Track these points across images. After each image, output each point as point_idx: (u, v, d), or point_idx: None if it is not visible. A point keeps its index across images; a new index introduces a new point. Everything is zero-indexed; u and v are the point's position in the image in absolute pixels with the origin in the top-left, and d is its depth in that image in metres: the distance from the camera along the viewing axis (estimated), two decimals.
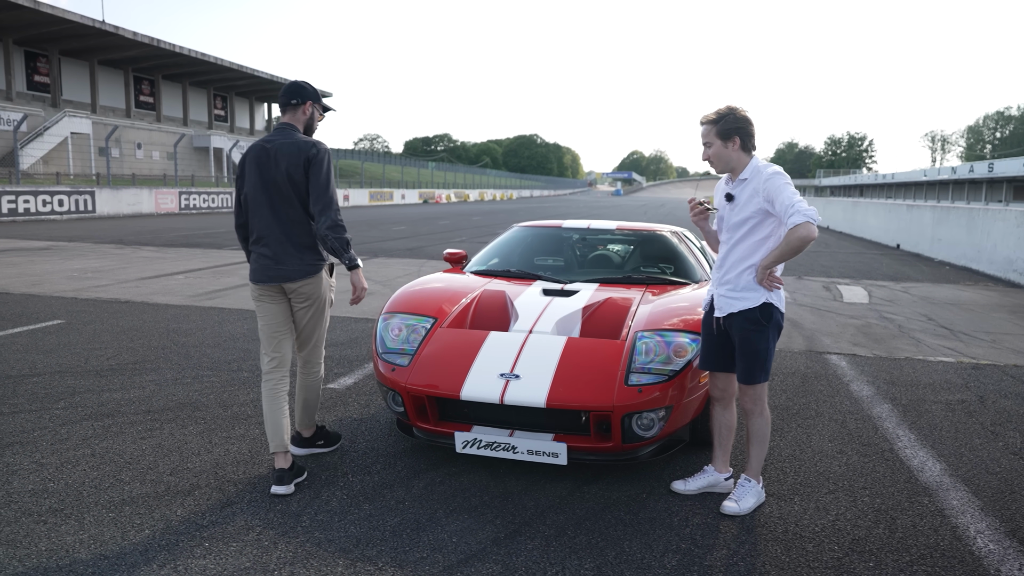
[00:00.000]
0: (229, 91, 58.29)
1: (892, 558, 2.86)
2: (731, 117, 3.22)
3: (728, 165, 3.27)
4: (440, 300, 4.20)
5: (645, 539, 2.98)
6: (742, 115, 3.23)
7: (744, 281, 3.26)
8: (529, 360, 3.53)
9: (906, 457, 3.94)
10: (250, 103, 62.04)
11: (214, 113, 57.07)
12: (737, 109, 3.24)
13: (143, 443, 3.94)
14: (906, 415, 4.67)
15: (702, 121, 3.30)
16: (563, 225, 5.56)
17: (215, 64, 49.88)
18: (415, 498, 3.33)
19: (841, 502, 3.36)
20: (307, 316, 3.57)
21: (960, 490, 3.52)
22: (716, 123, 3.24)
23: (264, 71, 54.86)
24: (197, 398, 4.75)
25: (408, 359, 3.68)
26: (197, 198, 31.31)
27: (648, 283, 4.60)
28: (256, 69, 54.01)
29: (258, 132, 62.74)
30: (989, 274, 12.62)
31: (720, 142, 3.24)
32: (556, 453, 3.33)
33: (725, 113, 3.23)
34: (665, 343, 3.57)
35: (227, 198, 33.44)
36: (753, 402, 3.31)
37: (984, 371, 5.86)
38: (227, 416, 4.40)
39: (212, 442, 3.98)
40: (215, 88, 56.55)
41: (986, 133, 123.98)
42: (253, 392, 4.89)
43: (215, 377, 5.26)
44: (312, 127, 3.62)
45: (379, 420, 4.40)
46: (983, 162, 52.60)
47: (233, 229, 4.17)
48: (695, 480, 3.45)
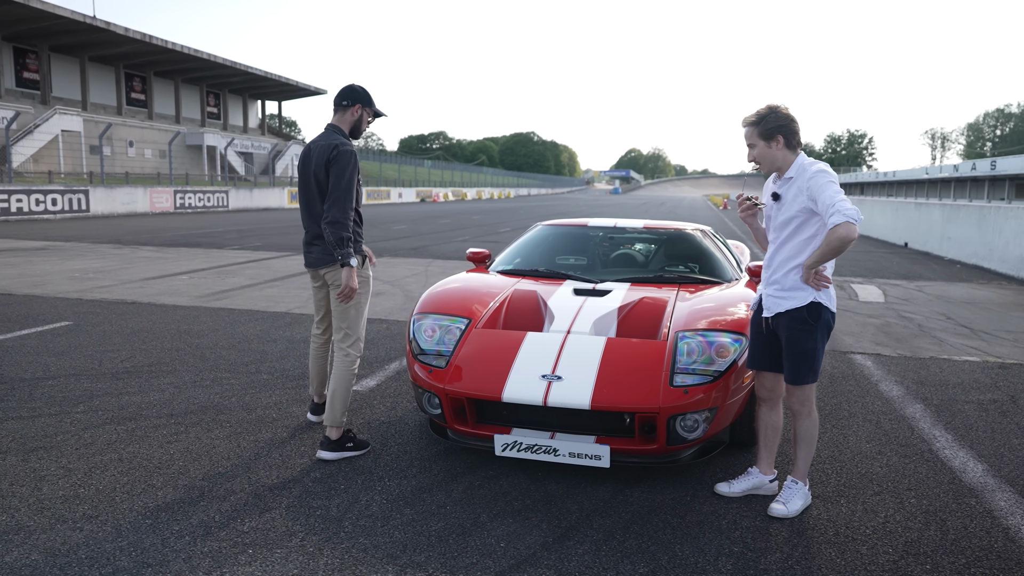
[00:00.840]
0: (222, 88, 58.14)
1: (948, 560, 2.86)
2: (772, 116, 3.21)
3: (774, 165, 3.26)
4: (471, 300, 4.18)
5: (696, 543, 2.97)
6: (784, 113, 3.22)
7: (791, 280, 3.25)
8: (570, 361, 3.51)
9: (946, 458, 3.94)
10: (244, 100, 61.90)
11: (207, 110, 56.91)
12: (778, 108, 3.23)
13: (170, 447, 3.91)
14: (940, 415, 4.67)
15: (743, 123, 3.29)
16: (589, 224, 5.55)
17: (208, 61, 49.75)
18: (456, 502, 3.31)
19: (888, 504, 3.36)
20: (336, 302, 3.89)
21: (1006, 491, 3.52)
22: (757, 124, 3.23)
23: (258, 68, 54.74)
24: (219, 401, 4.72)
25: (445, 360, 3.66)
26: (192, 197, 31.22)
27: (680, 282, 4.58)
28: (250, 66, 53.89)
29: (252, 130, 62.62)
30: (1002, 272, 12.65)
31: (763, 143, 3.23)
32: (599, 456, 3.32)
33: (766, 113, 3.22)
34: (708, 343, 3.56)
35: (223, 197, 33.35)
36: (801, 403, 3.30)
37: (1012, 371, 5.87)
38: (252, 419, 4.38)
39: (240, 446, 3.95)
40: (208, 85, 56.40)
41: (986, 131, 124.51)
42: (275, 395, 4.86)
43: (234, 380, 5.23)
44: (360, 129, 3.93)
45: (408, 422, 4.38)
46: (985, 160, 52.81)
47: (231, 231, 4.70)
48: (739, 482, 3.44)
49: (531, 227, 5.84)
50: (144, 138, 47.43)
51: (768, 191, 3.39)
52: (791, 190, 3.23)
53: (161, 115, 52.13)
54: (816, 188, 3.13)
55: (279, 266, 12.09)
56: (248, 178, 49.47)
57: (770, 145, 3.22)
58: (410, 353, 3.83)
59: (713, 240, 5.32)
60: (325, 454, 3.78)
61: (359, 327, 3.93)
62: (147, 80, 50.84)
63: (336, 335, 3.94)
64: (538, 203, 57.54)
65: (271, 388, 5.03)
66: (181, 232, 19.19)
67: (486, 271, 5.13)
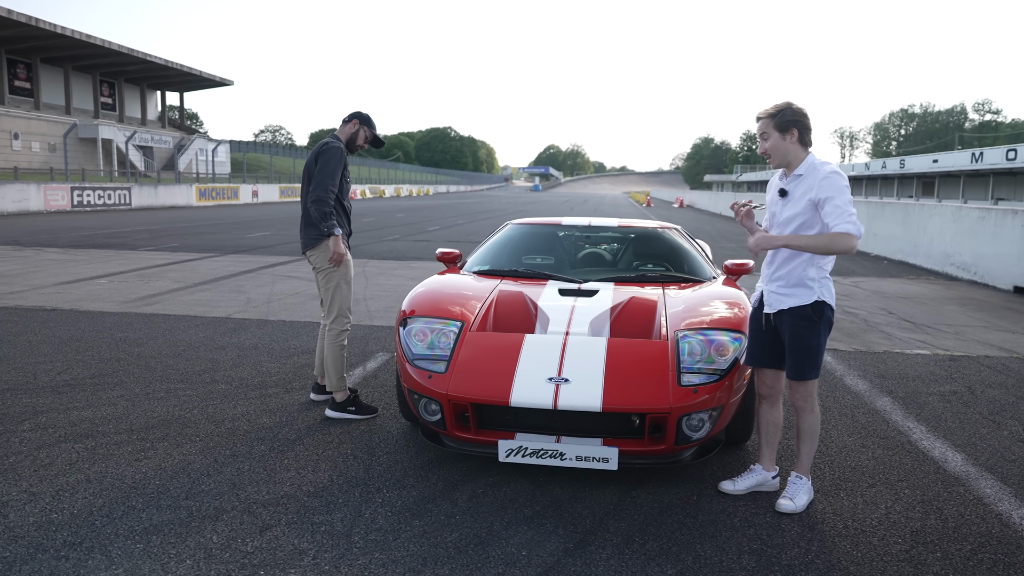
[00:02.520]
0: (118, 77, 55.39)
1: (955, 548, 3.04)
2: (789, 110, 3.33)
3: (785, 159, 3.38)
4: (458, 302, 4.16)
5: (714, 542, 3.05)
6: (799, 108, 3.35)
7: (796, 277, 3.38)
8: (574, 363, 3.54)
9: (925, 449, 4.18)
10: (142, 90, 59.15)
11: (101, 101, 54.12)
12: (793, 103, 3.35)
13: (140, 465, 3.73)
14: (908, 408, 4.95)
15: (759, 115, 3.39)
16: (562, 223, 5.60)
17: (102, 47, 47.30)
18: (464, 511, 3.29)
19: (885, 496, 3.54)
20: (321, 281, 4.62)
21: (988, 479, 3.77)
22: (774, 116, 3.34)
23: (158, 56, 52.45)
24: (180, 414, 4.53)
25: (444, 365, 3.63)
26: (92, 194, 29.66)
27: (663, 281, 4.69)
28: (148, 54, 51.55)
29: (151, 123, 59.95)
30: (927, 268, 13.47)
31: (778, 134, 3.34)
32: (607, 458, 3.36)
33: (783, 107, 3.34)
34: (708, 342, 3.66)
35: (125, 194, 31.83)
36: (804, 399, 3.43)
37: (961, 363, 6.27)
38: (222, 432, 4.22)
39: (217, 461, 3.80)
40: (102, 74, 53.64)
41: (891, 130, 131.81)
42: (240, 406, 4.70)
43: (190, 391, 5.02)
44: (354, 142, 4.65)
45: (390, 430, 4.32)
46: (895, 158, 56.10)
47: (141, 230, 5.48)
48: (743, 480, 3.56)
49: (501, 226, 5.84)
50: (31, 130, 44.75)
51: (774, 187, 3.50)
52: (800, 187, 3.36)
53: (49, 105, 49.23)
54: (829, 190, 3.24)
55: (205, 268, 11.65)
56: (149, 174, 47.32)
57: (784, 138, 3.33)
58: (403, 358, 3.78)
59: (687, 239, 5.47)
60: (330, 412, 4.53)
61: (344, 302, 4.58)
62: (33, 67, 47.91)
63: (327, 317, 4.61)
64: (460, 201, 57.47)
65: (233, 399, 4.85)
66: (85, 232, 18.21)
67: (458, 272, 5.11)
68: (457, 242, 17.31)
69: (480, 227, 24.24)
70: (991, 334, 7.59)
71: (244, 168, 49.62)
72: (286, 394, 5.00)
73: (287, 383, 5.25)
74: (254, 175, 53.93)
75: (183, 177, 45.30)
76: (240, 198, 41.70)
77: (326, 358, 4.56)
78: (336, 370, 4.53)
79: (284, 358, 5.96)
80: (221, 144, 54.61)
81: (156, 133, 55.45)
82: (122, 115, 56.11)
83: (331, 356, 4.54)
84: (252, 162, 63.41)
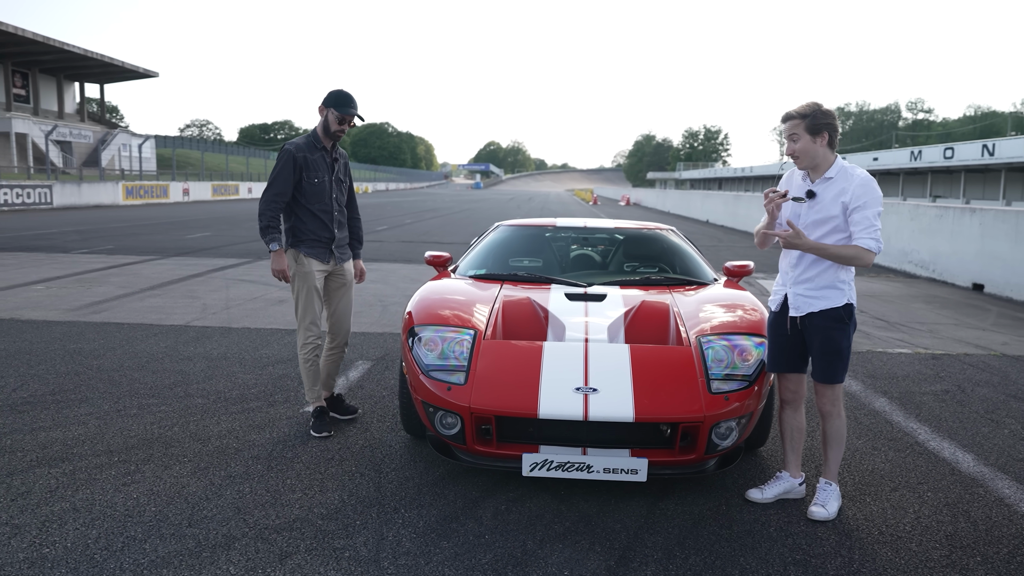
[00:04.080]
0: (32, 67, 52.96)
1: (993, 551, 3.10)
2: (820, 112, 3.34)
3: (813, 161, 3.39)
4: (465, 309, 4.06)
5: (755, 553, 3.04)
6: (829, 111, 3.36)
7: (826, 280, 3.40)
8: (600, 371, 3.49)
9: (935, 450, 4.27)
10: (59, 82, 56.70)
11: (13, 93, 51.68)
12: (822, 105, 3.37)
13: (130, 490, 3.52)
14: (907, 408, 5.06)
15: (788, 116, 3.39)
16: (557, 224, 5.54)
17: (14, 35, 45.13)
18: (491, 530, 3.20)
19: (911, 500, 3.59)
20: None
21: (1003, 479, 3.87)
22: (806, 117, 3.34)
23: (76, 45, 50.37)
24: (159, 432, 4.31)
25: (463, 376, 3.52)
26: (9, 193, 28.26)
27: (668, 284, 4.68)
28: (65, 42, 49.46)
29: (69, 116, 57.54)
30: (885, 266, 13.91)
31: (809, 137, 3.34)
32: (636, 469, 3.32)
33: (814, 108, 3.35)
34: (732, 347, 3.66)
35: (45, 193, 30.46)
36: (832, 403, 3.46)
37: (943, 361, 6.47)
38: (211, 452, 4.03)
39: (214, 483, 3.62)
40: (14, 63, 51.18)
41: None
42: (223, 421, 4.50)
43: (164, 406, 4.79)
44: (328, 129, 4.25)
45: (391, 444, 4.19)
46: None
47: (69, 231, 5.26)
48: (771, 487, 3.56)
49: (491, 228, 5.75)
50: None
51: (797, 188, 3.51)
52: (831, 190, 3.37)
53: None
54: (864, 197, 3.27)
55: (149, 272, 11.20)
56: (69, 171, 45.48)
57: (815, 140, 3.34)
58: (415, 369, 3.66)
59: (686, 240, 5.48)
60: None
61: (305, 315, 4.35)
62: None
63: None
64: (402, 199, 56.97)
65: (214, 414, 4.64)
66: (8, 234, 17.32)
67: (449, 276, 5.00)
68: (410, 242, 17.07)
69: (430, 226, 24.03)
70: (963, 331, 7.86)
71: (174, 165, 48.03)
72: (270, 407, 4.81)
73: (268, 395, 5.06)
74: (184, 172, 52.38)
75: (107, 174, 43.66)
76: (170, 196, 40.39)
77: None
78: (305, 383, 4.43)
79: (258, 369, 5.75)
80: (147, 139, 52.72)
81: (75, 127, 53.34)
82: (37, 108, 53.72)
83: (300, 370, 4.46)
84: (181, 158, 61.53)
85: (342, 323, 4.56)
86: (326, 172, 4.31)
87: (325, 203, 4.33)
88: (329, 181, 4.33)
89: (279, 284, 10.22)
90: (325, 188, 4.31)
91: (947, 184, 44.34)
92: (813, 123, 3.32)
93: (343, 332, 4.58)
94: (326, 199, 4.32)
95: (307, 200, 4.27)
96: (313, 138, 4.29)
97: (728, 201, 28.03)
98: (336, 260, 4.44)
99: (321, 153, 4.29)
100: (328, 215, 4.35)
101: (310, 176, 4.25)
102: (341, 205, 4.44)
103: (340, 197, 4.44)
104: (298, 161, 4.21)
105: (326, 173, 4.31)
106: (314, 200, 4.28)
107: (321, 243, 4.34)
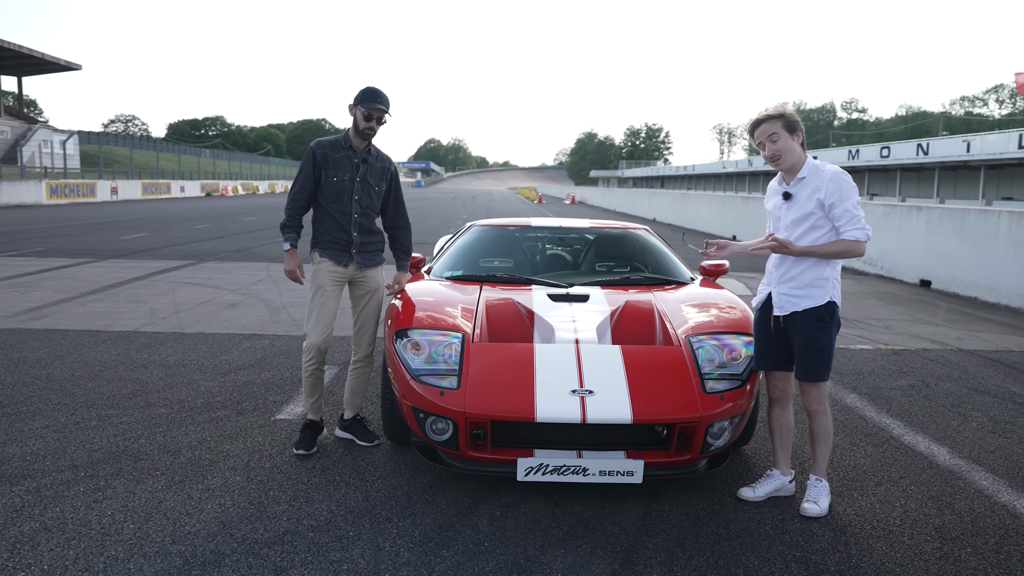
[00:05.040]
0: None
1: (981, 542, 3.22)
2: (791, 113, 3.45)
3: (792, 158, 3.47)
4: (449, 311, 4.03)
5: (756, 552, 3.10)
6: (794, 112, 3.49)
7: (809, 278, 3.48)
8: (594, 373, 3.50)
9: (911, 444, 4.42)
10: None
11: None
12: (788, 105, 3.48)
13: (103, 507, 3.38)
14: (877, 403, 5.22)
15: (762, 118, 3.47)
16: (531, 224, 5.55)
17: None
18: (490, 537, 3.18)
19: (895, 494, 3.71)
20: None
21: (979, 471, 4.02)
22: (782, 117, 3.43)
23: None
24: (125, 444, 4.15)
25: (454, 380, 3.49)
26: None
27: (648, 284, 4.72)
28: None
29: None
30: None
31: (788, 135, 3.44)
32: (632, 471, 3.34)
33: (783, 108, 3.46)
34: (722, 346, 3.72)
35: None
36: (818, 402, 3.55)
37: (904, 356, 6.70)
38: (184, 464, 3.90)
39: (192, 497, 3.51)
40: None
41: None
42: (192, 432, 4.37)
43: (126, 417, 4.62)
44: (358, 127, 4.13)
45: (374, 452, 4.13)
46: None
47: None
48: (762, 486, 3.63)
49: (464, 228, 5.72)
50: None
51: (774, 192, 3.61)
52: (805, 189, 3.47)
53: None
54: (839, 191, 3.37)
55: (87, 276, 10.80)
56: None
57: (793, 138, 3.44)
58: (403, 374, 3.61)
59: (661, 239, 5.55)
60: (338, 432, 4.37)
61: (306, 319, 4.24)
62: None
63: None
64: None
65: (181, 424, 4.50)
66: None
67: (423, 277, 4.96)
68: None
69: None
70: (918, 327, 8.16)
71: (100, 162, 46.41)
72: (239, 416, 4.69)
73: (235, 404, 4.93)
74: (111, 170, 50.66)
75: (28, 172, 41.95)
76: (98, 195, 39.03)
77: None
78: (303, 391, 4.25)
79: (220, 375, 5.60)
80: (71, 136, 50.81)
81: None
82: None
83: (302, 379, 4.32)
84: (107, 155, 59.43)
85: (363, 334, 4.31)
86: (348, 171, 4.14)
87: (344, 204, 4.14)
88: (352, 181, 4.14)
89: (229, 287, 9.99)
90: (345, 188, 4.14)
91: (883, 182, 45.98)
92: (789, 122, 3.43)
93: (364, 344, 4.31)
94: (345, 199, 4.14)
95: (326, 199, 4.16)
96: (343, 138, 4.18)
97: (675, 199, 28.51)
98: (358, 265, 4.22)
99: (347, 153, 4.14)
100: (346, 216, 4.15)
101: (329, 174, 4.12)
102: (366, 209, 4.20)
103: (367, 200, 4.19)
104: (317, 158, 4.11)
105: (348, 172, 4.14)
106: (332, 199, 4.15)
107: (338, 245, 4.18)
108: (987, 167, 34.67)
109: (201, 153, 72.26)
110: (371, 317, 4.32)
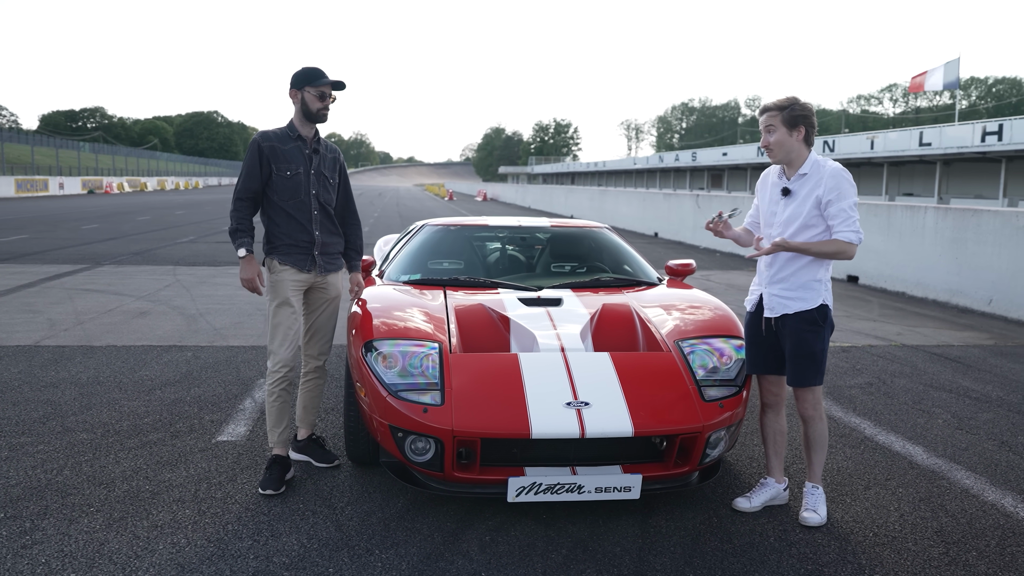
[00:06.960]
0: None
1: (984, 544, 3.26)
2: (798, 105, 3.38)
3: (788, 155, 3.42)
4: (418, 319, 3.82)
5: (765, 566, 3.03)
6: (807, 104, 3.41)
7: (801, 279, 3.45)
8: (586, 383, 3.36)
9: (886, 444, 4.49)
10: None
11: None
12: (800, 99, 3.41)
13: (34, 553, 3.02)
14: (841, 403, 5.30)
15: (765, 108, 3.41)
16: (488, 224, 5.36)
17: None
18: (486, 566, 3.00)
19: (887, 498, 3.73)
20: None
21: (958, 469, 4.11)
22: (784, 109, 3.37)
23: None
24: (48, 477, 3.75)
25: (437, 396, 3.28)
26: None
27: (618, 285, 4.63)
28: None
29: None
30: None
31: (785, 129, 3.38)
32: (629, 487, 3.23)
33: (792, 100, 3.39)
34: (714, 351, 3.65)
35: None
36: (813, 407, 3.52)
37: (852, 353, 6.87)
38: (121, 497, 3.55)
39: (139, 537, 3.18)
40: None
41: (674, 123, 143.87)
42: (123, 460, 4.00)
43: (42, 444, 4.20)
44: (308, 111, 3.80)
45: (336, 475, 3.87)
46: (687, 151, 61.14)
47: None
48: (757, 495, 3.58)
49: (414, 228, 5.49)
50: None
51: (772, 185, 3.55)
52: (805, 186, 3.42)
53: None
54: (837, 190, 3.34)
55: None
56: None
57: (791, 133, 3.38)
58: (377, 391, 3.37)
59: (622, 239, 5.47)
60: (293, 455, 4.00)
61: (270, 339, 3.84)
62: None
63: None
64: None
65: (108, 451, 4.12)
66: None
67: (374, 282, 4.72)
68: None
69: None
70: (857, 323, 8.41)
71: None
72: (174, 439, 4.33)
73: (167, 425, 4.56)
74: None
75: None
76: None
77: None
78: (268, 420, 3.84)
79: (144, 394, 5.19)
80: None
81: None
82: None
83: (265, 404, 3.89)
84: None
85: (316, 343, 4.01)
86: (302, 164, 3.82)
87: (301, 199, 3.81)
88: (307, 174, 3.83)
89: (134, 293, 9.39)
90: (301, 182, 3.81)
91: None
92: (791, 115, 3.36)
93: (317, 354, 4.02)
94: (302, 194, 3.81)
95: (279, 196, 3.79)
96: (288, 128, 3.85)
97: (594, 196, 28.79)
98: (320, 270, 3.89)
99: (296, 144, 3.82)
100: (305, 213, 3.82)
101: (280, 168, 3.78)
102: (324, 204, 3.89)
103: (324, 195, 3.88)
104: (264, 151, 3.76)
105: (302, 165, 3.82)
106: (287, 196, 3.79)
107: (299, 248, 3.82)
108: (889, 164, 36.59)
109: (81, 147, 68.43)
110: (326, 325, 4.03)
